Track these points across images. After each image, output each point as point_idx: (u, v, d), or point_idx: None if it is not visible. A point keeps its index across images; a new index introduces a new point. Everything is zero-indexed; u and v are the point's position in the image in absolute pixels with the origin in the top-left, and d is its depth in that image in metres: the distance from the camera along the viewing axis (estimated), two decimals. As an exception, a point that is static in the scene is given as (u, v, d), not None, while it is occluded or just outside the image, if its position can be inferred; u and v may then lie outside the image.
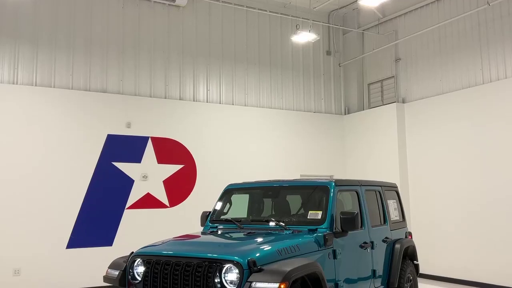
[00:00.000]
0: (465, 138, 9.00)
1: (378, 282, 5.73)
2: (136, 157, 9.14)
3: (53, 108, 8.52)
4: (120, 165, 8.95)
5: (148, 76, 9.59)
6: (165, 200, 9.29)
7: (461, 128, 9.08)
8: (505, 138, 8.29)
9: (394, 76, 10.86)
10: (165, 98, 9.68)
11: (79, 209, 8.48)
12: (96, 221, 8.61)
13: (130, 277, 4.20)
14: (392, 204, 6.54)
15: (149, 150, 9.27)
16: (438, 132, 9.56)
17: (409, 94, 10.47)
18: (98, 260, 8.01)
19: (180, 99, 9.83)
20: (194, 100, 10.00)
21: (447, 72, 9.64)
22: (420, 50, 10.29)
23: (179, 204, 9.41)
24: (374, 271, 5.63)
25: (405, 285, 6.14)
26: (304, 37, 9.97)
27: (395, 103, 10.43)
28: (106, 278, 4.46)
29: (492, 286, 8.25)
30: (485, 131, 8.64)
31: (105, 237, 8.66)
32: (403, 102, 10.53)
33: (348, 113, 11.82)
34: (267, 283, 3.61)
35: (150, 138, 9.29)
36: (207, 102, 10.14)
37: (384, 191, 6.37)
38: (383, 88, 11.17)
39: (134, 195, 9.01)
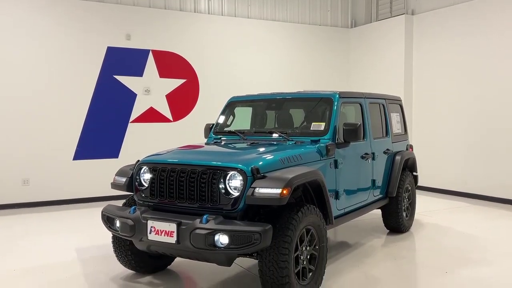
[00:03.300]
0: (474, 53, 8.75)
1: (377, 191, 5.90)
2: (138, 71, 9.02)
3: (50, 18, 8.24)
4: (122, 79, 8.86)
5: (147, -16, 9.16)
6: (168, 114, 9.32)
7: (471, 42, 8.80)
8: (515, 52, 8.08)
9: (404, -15, 10.33)
10: (165, 9, 9.31)
11: (83, 122, 8.55)
12: (101, 134, 8.71)
13: (137, 183, 4.32)
14: (395, 117, 6.54)
15: (151, 64, 9.11)
16: (446, 46, 9.29)
17: (419, 5, 10.02)
18: (105, 171, 8.18)
19: (180, 10, 9.47)
20: (195, 12, 9.63)
21: (460, -19, 9.15)
22: (433, -44, 9.68)
23: (183, 119, 9.45)
24: (373, 181, 5.77)
25: (403, 194, 6.34)
26: None
27: (403, 15, 10.03)
28: (113, 185, 4.58)
29: (489, 198, 8.51)
30: (496, 45, 8.38)
31: (111, 149, 8.81)
32: (412, 14, 10.11)
33: (355, 26, 11.43)
34: (269, 189, 3.71)
35: (151, 51, 9.10)
36: (208, 13, 9.77)
37: (387, 104, 6.34)
38: (392, -1, 10.68)
39: (138, 109, 9.02)
